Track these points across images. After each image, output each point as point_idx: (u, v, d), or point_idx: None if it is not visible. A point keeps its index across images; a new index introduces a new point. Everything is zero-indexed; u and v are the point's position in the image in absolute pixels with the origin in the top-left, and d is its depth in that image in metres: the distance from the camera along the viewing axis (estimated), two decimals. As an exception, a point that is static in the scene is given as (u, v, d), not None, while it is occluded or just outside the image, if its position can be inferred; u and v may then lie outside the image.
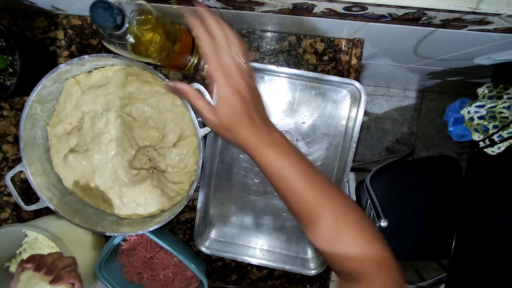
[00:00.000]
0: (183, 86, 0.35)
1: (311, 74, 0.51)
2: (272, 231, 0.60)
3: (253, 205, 0.59)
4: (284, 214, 0.59)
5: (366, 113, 1.46)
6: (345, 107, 0.55)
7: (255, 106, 0.34)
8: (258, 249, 0.60)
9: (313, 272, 0.56)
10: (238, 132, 0.34)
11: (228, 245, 0.59)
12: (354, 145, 0.52)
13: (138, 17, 0.37)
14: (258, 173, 0.58)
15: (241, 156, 0.58)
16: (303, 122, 0.56)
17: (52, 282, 0.39)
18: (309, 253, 0.60)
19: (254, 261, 0.57)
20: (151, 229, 0.49)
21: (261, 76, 0.56)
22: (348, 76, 0.56)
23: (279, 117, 0.57)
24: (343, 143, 0.56)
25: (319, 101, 0.56)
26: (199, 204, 0.56)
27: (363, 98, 0.51)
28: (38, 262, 0.40)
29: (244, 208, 0.59)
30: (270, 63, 0.57)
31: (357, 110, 0.52)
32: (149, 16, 0.39)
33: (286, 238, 0.60)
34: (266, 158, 0.34)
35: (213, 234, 0.61)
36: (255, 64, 0.52)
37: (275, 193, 0.58)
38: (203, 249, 0.57)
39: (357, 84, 0.51)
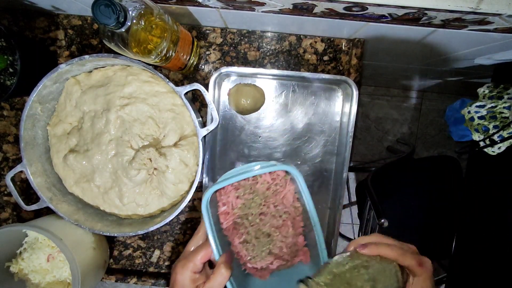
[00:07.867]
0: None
1: (302, 74, 0.52)
2: None
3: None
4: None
5: (365, 113, 1.45)
6: (338, 104, 0.57)
7: None
8: None
9: None
10: None
11: None
12: (351, 139, 0.53)
13: (140, 15, 0.37)
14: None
15: (238, 160, 0.58)
16: (299, 122, 0.57)
17: None
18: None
19: None
20: (151, 229, 0.49)
21: (253, 80, 0.56)
22: (348, 76, 0.56)
23: (274, 119, 0.57)
24: (339, 139, 0.57)
25: (312, 99, 0.56)
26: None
27: (355, 93, 0.52)
28: None
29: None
30: (270, 63, 0.57)
31: (350, 105, 0.53)
32: (151, 15, 0.39)
33: None
34: None
35: None
36: (245, 69, 0.52)
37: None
38: None
39: (348, 80, 0.52)
